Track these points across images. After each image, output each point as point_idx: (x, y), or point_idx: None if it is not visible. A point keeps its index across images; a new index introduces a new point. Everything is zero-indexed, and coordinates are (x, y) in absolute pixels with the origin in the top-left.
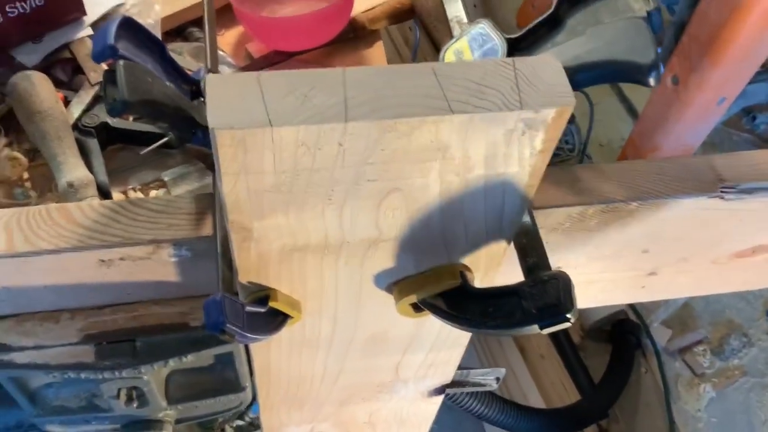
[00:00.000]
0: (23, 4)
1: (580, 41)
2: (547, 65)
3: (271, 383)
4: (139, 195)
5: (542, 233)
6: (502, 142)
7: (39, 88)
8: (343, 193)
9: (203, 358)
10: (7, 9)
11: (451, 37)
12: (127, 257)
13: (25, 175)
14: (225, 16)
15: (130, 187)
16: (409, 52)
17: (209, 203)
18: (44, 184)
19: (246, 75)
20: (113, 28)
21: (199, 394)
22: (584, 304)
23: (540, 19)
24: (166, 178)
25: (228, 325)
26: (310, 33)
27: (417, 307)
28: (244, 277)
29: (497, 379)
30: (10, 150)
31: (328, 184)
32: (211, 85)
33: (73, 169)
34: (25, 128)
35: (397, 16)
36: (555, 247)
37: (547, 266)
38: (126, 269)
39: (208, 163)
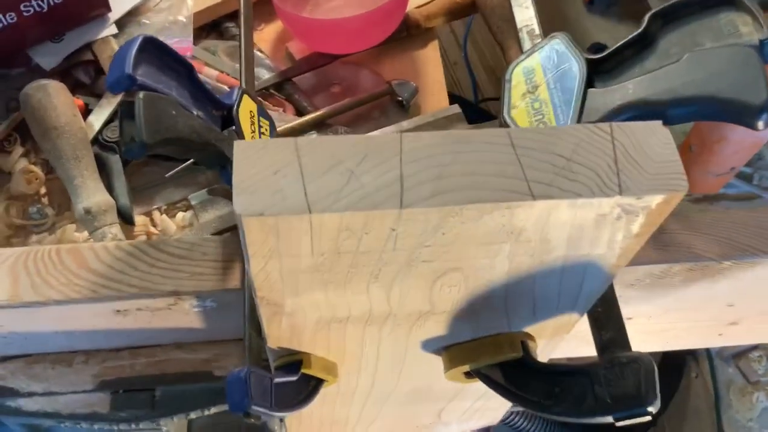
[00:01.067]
0: (40, 1)
1: (675, 70)
2: (655, 136)
3: (302, 425)
4: (165, 218)
5: (617, 288)
6: (591, 226)
7: (55, 100)
8: (392, 273)
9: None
10: (22, 7)
11: (519, 45)
12: (145, 308)
13: (42, 190)
14: (264, 7)
15: (155, 207)
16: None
17: (237, 248)
18: (63, 201)
19: (281, 143)
20: (132, 53)
21: None
22: (653, 348)
23: (628, 38)
24: (193, 202)
25: (254, 407)
26: (358, 36)
27: (469, 374)
28: (274, 344)
29: None
30: (26, 161)
31: (375, 265)
32: (239, 156)
33: (91, 194)
34: (39, 144)
35: (456, 13)
36: (629, 300)
37: (626, 344)
38: (144, 318)
39: None
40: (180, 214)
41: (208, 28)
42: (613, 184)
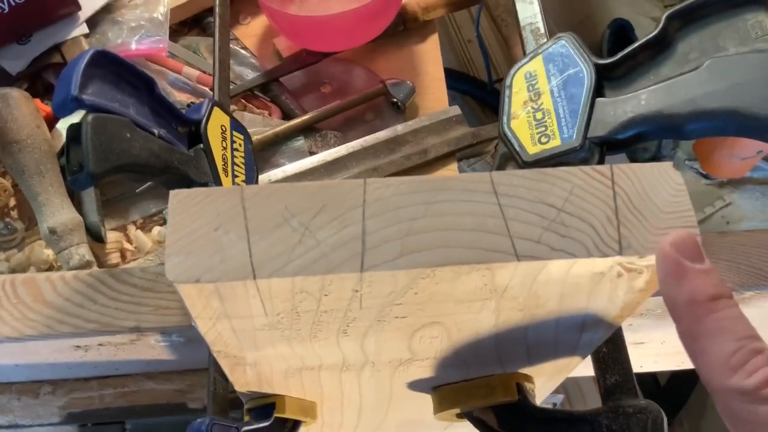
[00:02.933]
0: (1, 3)
1: (694, 78)
2: (664, 181)
3: None
4: (139, 233)
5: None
6: (587, 283)
7: (16, 112)
8: (363, 328)
9: None
10: None
11: (522, 44)
12: (107, 343)
13: (11, 202)
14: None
15: (130, 221)
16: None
17: None
18: (33, 212)
19: (226, 193)
20: (79, 71)
21: None
22: (667, 368)
23: (642, 40)
24: (168, 217)
25: None
26: (350, 32)
27: (461, 414)
28: (241, 388)
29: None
30: None
31: (341, 321)
32: (175, 208)
33: (56, 212)
34: (0, 158)
35: (457, 3)
36: (640, 327)
37: (633, 390)
38: (107, 351)
39: None
40: (156, 229)
41: (190, 23)
42: (612, 241)
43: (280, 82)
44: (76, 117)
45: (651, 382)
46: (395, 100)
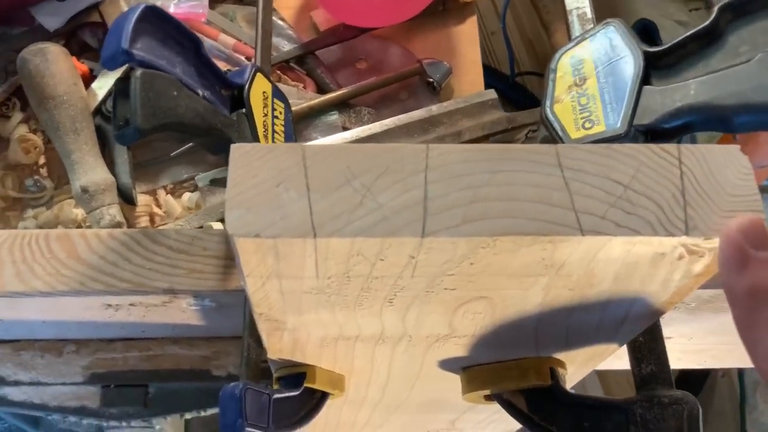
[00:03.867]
0: None
1: (745, 71)
2: (731, 163)
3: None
4: (170, 198)
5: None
6: (645, 264)
7: (54, 67)
8: (409, 299)
9: None
10: None
11: (567, 29)
12: (138, 303)
13: (41, 160)
14: None
15: (161, 185)
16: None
17: None
18: (63, 173)
19: (287, 150)
20: (130, 24)
21: None
22: (689, 366)
23: (693, 31)
24: (200, 184)
25: (248, 429)
26: (391, 8)
27: (490, 396)
28: (274, 355)
29: None
30: (26, 128)
31: (389, 290)
32: (237, 163)
33: (89, 171)
34: (36, 114)
35: None
36: (670, 321)
37: (668, 380)
38: (137, 312)
39: None
40: (186, 195)
41: None
42: (678, 221)
43: (315, 55)
44: (115, 75)
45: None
46: (431, 80)
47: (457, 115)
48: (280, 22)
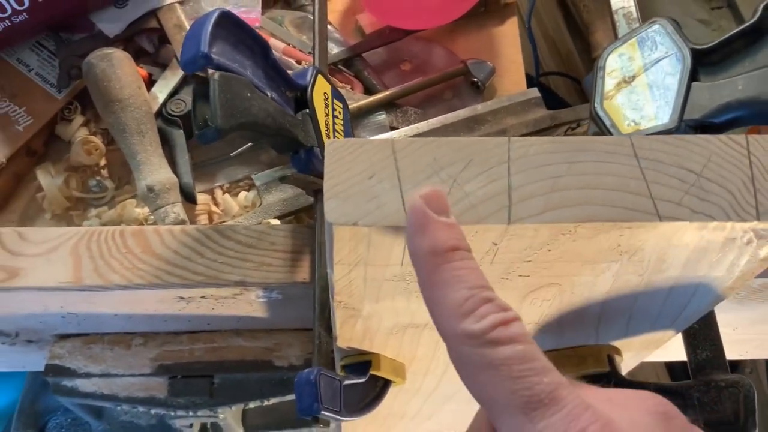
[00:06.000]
0: None
1: None
2: None
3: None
4: (227, 197)
5: None
6: (716, 249)
7: (119, 71)
8: None
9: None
10: None
11: (612, 26)
12: (210, 296)
13: (102, 162)
14: None
15: (217, 185)
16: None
17: (307, 239)
18: (123, 173)
19: (377, 145)
20: (208, 29)
21: (279, 424)
22: (730, 356)
23: (739, 28)
24: (257, 183)
25: (323, 412)
26: (436, 10)
27: None
28: (344, 344)
29: None
30: (87, 131)
31: None
32: (332, 157)
33: (154, 171)
34: (101, 116)
35: None
36: (717, 310)
37: (723, 365)
38: (207, 305)
39: (307, 190)
40: (242, 194)
41: None
42: (749, 207)
43: (362, 57)
44: (174, 79)
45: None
46: (475, 79)
47: (502, 113)
48: (328, 26)
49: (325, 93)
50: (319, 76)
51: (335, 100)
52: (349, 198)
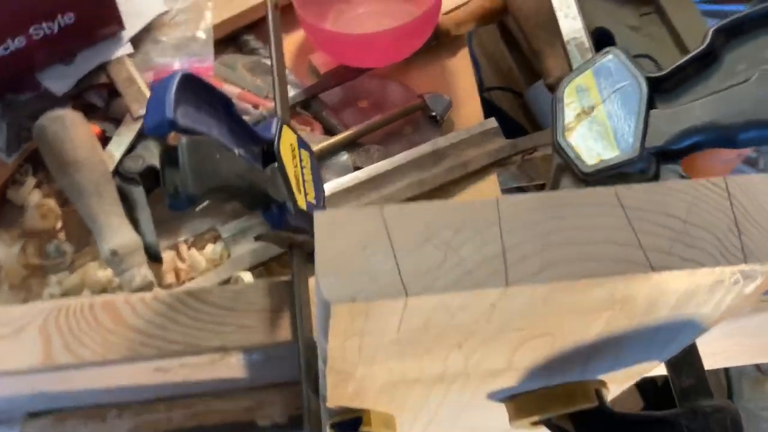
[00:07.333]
0: (50, 24)
1: (746, 90)
2: None
3: None
4: (193, 252)
5: None
6: (704, 291)
7: (73, 133)
8: (478, 341)
9: None
10: (32, 31)
11: (565, 56)
12: (188, 364)
13: (58, 224)
14: (283, 17)
15: (182, 239)
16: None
17: (285, 296)
18: (82, 234)
19: (367, 214)
20: (171, 93)
21: None
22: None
23: (691, 55)
24: (224, 235)
25: None
26: (390, 50)
27: (537, 422)
28: (333, 404)
29: None
30: (40, 194)
31: (462, 336)
32: (321, 231)
33: (116, 234)
34: (56, 180)
35: (487, 18)
36: None
37: (708, 391)
38: (185, 372)
39: (283, 245)
40: (209, 247)
41: (226, 41)
42: (735, 250)
43: (319, 98)
44: (129, 136)
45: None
46: (434, 113)
47: (462, 145)
48: None
49: (291, 144)
50: (284, 127)
51: (302, 150)
52: (344, 273)
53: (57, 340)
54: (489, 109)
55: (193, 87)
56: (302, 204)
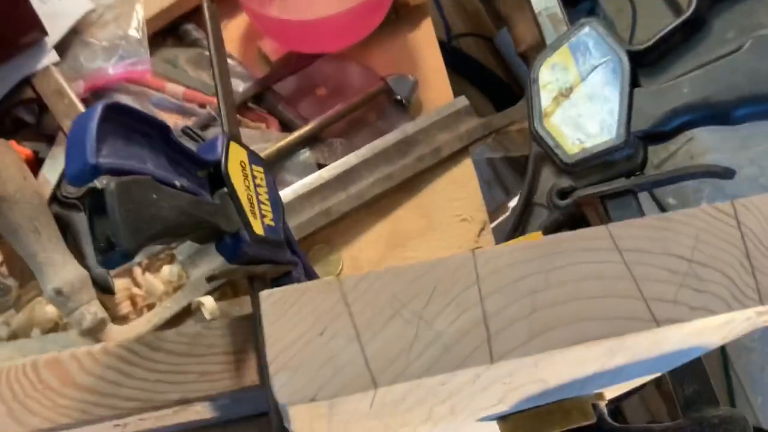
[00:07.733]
0: None
1: (738, 61)
2: None
3: None
4: (148, 276)
5: None
6: (713, 330)
7: (0, 165)
8: (463, 397)
9: None
10: None
11: (540, 32)
12: (149, 418)
13: None
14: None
15: (135, 262)
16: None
17: (248, 334)
18: (26, 267)
19: (322, 288)
20: (92, 132)
21: None
22: None
23: (676, 22)
24: (180, 258)
25: None
26: (343, 32)
27: None
28: None
29: None
30: None
31: (446, 396)
32: (270, 317)
33: (60, 270)
34: None
35: None
36: None
37: (713, 398)
38: (148, 424)
39: (243, 278)
40: (165, 268)
41: (163, 33)
42: (750, 290)
43: (273, 89)
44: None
45: None
46: (398, 97)
47: (433, 130)
48: (229, 60)
49: (241, 162)
50: (231, 143)
51: (254, 166)
52: (300, 366)
53: (0, 409)
54: (459, 58)
55: (120, 117)
56: (259, 230)
